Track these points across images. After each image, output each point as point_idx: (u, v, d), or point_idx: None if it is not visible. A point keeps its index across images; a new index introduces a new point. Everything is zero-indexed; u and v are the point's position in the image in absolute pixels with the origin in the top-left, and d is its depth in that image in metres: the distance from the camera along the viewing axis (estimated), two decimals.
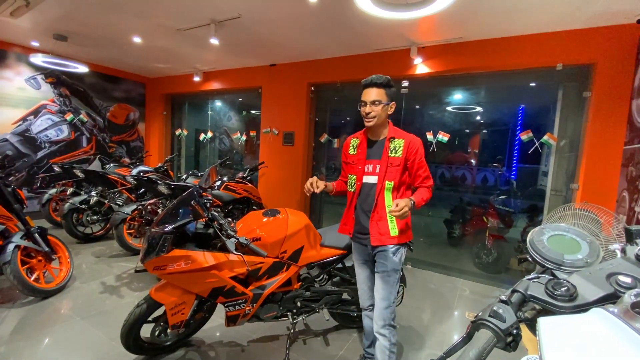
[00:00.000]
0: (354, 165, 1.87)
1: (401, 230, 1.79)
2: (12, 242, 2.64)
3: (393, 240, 1.77)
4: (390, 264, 1.79)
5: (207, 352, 2.24)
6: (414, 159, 1.75)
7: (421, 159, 1.77)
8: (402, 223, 1.78)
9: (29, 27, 4.18)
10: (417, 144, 1.76)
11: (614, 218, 2.12)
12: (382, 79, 1.72)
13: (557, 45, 3.23)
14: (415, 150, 1.75)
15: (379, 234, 1.77)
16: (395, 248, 1.79)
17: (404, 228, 1.80)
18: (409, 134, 1.80)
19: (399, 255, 1.81)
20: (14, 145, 5.14)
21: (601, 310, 0.57)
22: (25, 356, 2.08)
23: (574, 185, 3.30)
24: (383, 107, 1.73)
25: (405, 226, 1.82)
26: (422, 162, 1.78)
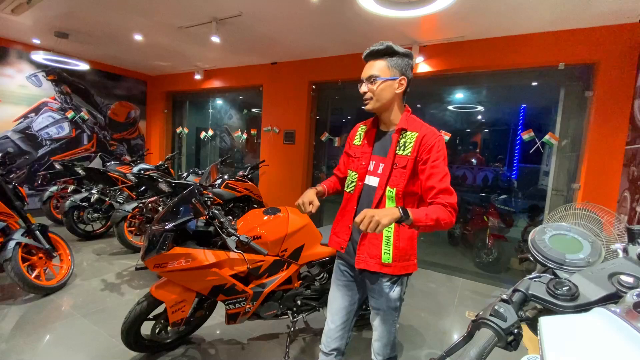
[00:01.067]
0: (357, 160, 1.42)
1: (398, 257, 1.32)
2: (13, 239, 2.65)
3: (385, 269, 1.33)
4: (384, 300, 1.38)
5: (208, 350, 2.25)
6: (426, 159, 1.26)
7: (436, 161, 1.25)
8: (401, 248, 1.33)
9: (30, 25, 4.18)
10: (433, 140, 1.27)
11: (615, 218, 2.11)
12: (382, 46, 1.29)
13: (559, 44, 3.22)
14: (430, 148, 1.26)
15: (367, 256, 1.35)
16: (391, 281, 1.37)
17: (403, 255, 1.33)
18: (426, 126, 1.32)
19: (396, 289, 1.38)
20: (15, 143, 5.15)
21: (603, 310, 0.57)
22: (26, 353, 2.09)
23: (575, 185, 3.30)
24: (382, 85, 1.29)
25: (405, 253, 1.34)
26: (436, 166, 1.25)
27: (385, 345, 1.44)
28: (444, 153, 1.27)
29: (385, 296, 1.38)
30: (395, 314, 1.43)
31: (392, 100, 1.33)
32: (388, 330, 1.43)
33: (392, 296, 1.38)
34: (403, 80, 1.31)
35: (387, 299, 1.38)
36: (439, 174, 1.24)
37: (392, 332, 1.44)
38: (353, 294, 1.49)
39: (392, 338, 1.45)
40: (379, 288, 1.39)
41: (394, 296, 1.38)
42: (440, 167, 1.25)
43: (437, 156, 1.26)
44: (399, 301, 1.42)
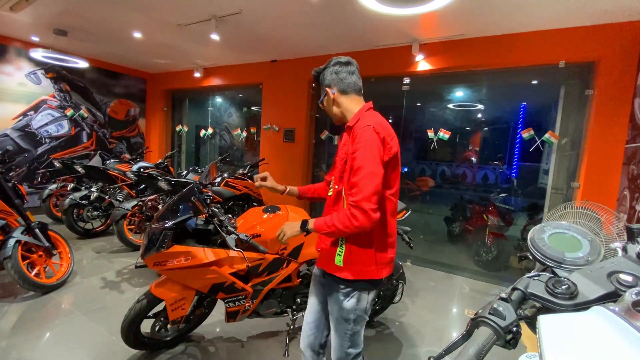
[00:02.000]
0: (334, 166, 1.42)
1: (350, 261, 1.24)
2: (12, 237, 2.65)
3: (340, 273, 1.26)
4: (337, 308, 1.30)
5: (207, 348, 2.25)
6: (349, 151, 1.21)
7: (355, 152, 1.17)
8: (352, 254, 1.24)
9: (29, 22, 4.16)
10: (357, 132, 1.20)
11: (615, 216, 2.11)
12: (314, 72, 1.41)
13: (560, 42, 3.21)
14: (356, 137, 1.20)
15: (323, 256, 1.35)
16: (346, 289, 1.27)
17: (355, 258, 1.24)
18: (366, 119, 1.23)
19: (352, 299, 1.27)
20: (14, 141, 5.14)
21: (602, 308, 0.57)
22: (27, 351, 2.09)
23: (575, 183, 3.30)
24: (324, 102, 1.40)
25: (358, 259, 1.24)
26: (354, 158, 1.16)
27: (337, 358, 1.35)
28: (365, 144, 1.15)
29: (339, 302, 1.29)
30: (348, 326, 1.29)
31: (338, 109, 1.37)
32: (340, 342, 1.32)
33: (346, 305, 1.27)
34: (328, 90, 1.36)
35: (341, 307, 1.29)
36: (354, 167, 1.16)
37: (344, 346, 1.32)
38: (319, 290, 1.45)
39: (342, 354, 1.33)
40: (335, 293, 1.31)
41: (348, 306, 1.27)
42: (358, 159, 1.15)
43: (356, 147, 1.17)
44: (354, 313, 1.28)
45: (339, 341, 1.33)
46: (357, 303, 1.28)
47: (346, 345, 1.32)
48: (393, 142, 1.22)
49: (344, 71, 1.34)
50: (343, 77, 1.34)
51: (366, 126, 1.18)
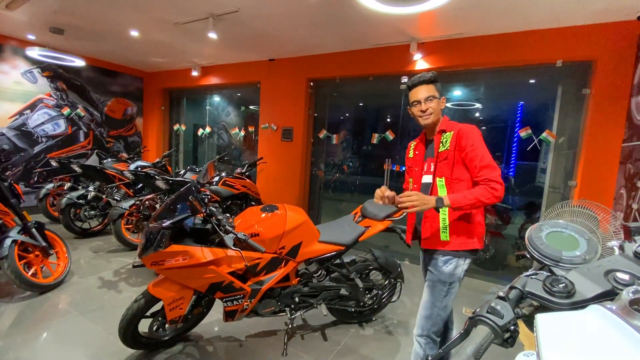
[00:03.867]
0: (411, 168, 1.76)
1: (455, 235, 1.55)
2: (9, 236, 2.63)
3: (444, 246, 1.56)
4: (437, 273, 1.59)
5: (205, 347, 2.25)
6: (464, 146, 1.51)
7: (473, 145, 1.50)
8: (457, 227, 1.55)
9: (25, 20, 4.13)
10: (466, 131, 1.53)
11: (612, 215, 2.12)
12: (430, 75, 1.64)
13: (557, 41, 3.22)
14: (465, 137, 1.52)
15: (429, 237, 1.61)
16: (446, 257, 1.57)
17: (459, 234, 1.55)
18: (460, 124, 1.59)
19: (450, 266, 1.56)
20: (10, 140, 5.11)
21: (599, 307, 0.57)
22: (24, 351, 2.08)
23: (572, 182, 3.31)
24: (437, 102, 1.63)
25: (464, 231, 1.56)
26: (474, 149, 1.49)
27: (426, 318, 1.60)
28: (477, 138, 1.51)
29: (439, 269, 1.58)
30: (444, 288, 1.57)
31: (440, 113, 1.67)
32: (432, 301, 1.60)
33: (445, 270, 1.57)
34: (444, 99, 1.69)
35: (441, 272, 1.58)
36: (477, 156, 1.49)
37: (437, 305, 1.59)
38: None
39: (436, 311, 1.59)
40: (435, 262, 1.60)
41: (447, 270, 1.57)
42: (476, 150, 1.49)
43: (472, 142, 1.50)
44: (453, 278, 1.57)
45: (430, 299, 1.61)
46: (456, 269, 1.57)
47: (438, 304, 1.59)
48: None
49: None
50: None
51: (472, 126, 1.55)
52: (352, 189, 5.52)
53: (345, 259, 2.37)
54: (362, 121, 5.97)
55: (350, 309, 2.47)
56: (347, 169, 5.64)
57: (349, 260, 2.40)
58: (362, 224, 2.39)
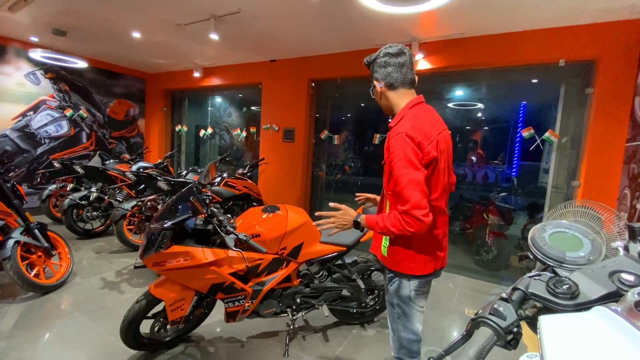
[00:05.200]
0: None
1: (391, 254, 1.33)
2: (11, 237, 2.64)
3: (383, 260, 1.38)
4: (386, 291, 1.43)
5: (207, 348, 2.25)
6: (390, 157, 1.21)
7: (392, 162, 1.18)
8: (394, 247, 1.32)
9: (28, 22, 4.15)
10: (390, 138, 1.24)
11: (616, 215, 2.11)
12: (365, 61, 1.39)
13: (560, 41, 3.20)
14: (389, 147, 1.23)
15: (374, 242, 1.49)
16: (390, 275, 1.37)
17: (395, 254, 1.32)
18: (401, 124, 1.24)
19: (394, 285, 1.35)
20: (13, 141, 5.13)
21: (603, 308, 0.56)
22: (26, 351, 2.09)
23: (575, 182, 3.29)
24: (374, 92, 1.39)
25: (400, 253, 1.30)
26: (394, 167, 1.18)
27: (392, 340, 1.44)
28: (400, 152, 1.15)
29: (386, 287, 1.42)
30: (392, 310, 1.39)
31: (387, 103, 1.36)
32: (390, 319, 1.43)
33: (389, 289, 1.39)
34: (376, 83, 1.35)
35: (386, 290, 1.42)
36: (394, 176, 1.18)
37: (393, 328, 1.42)
38: None
39: (395, 336, 1.41)
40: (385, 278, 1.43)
41: (391, 289, 1.38)
42: (396, 169, 1.17)
43: (393, 157, 1.19)
44: (396, 298, 1.36)
45: (389, 322, 1.44)
46: (398, 289, 1.35)
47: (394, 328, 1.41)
48: (431, 146, 1.19)
49: (393, 63, 1.29)
50: (390, 71, 1.29)
51: (399, 133, 1.18)
52: (354, 189, 5.51)
53: (347, 259, 2.36)
54: (364, 121, 5.97)
55: (352, 310, 2.46)
56: (348, 170, 5.63)
57: (350, 261, 2.39)
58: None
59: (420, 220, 1.12)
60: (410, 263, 1.30)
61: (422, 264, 1.30)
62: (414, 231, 1.14)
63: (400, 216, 1.15)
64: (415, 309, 1.36)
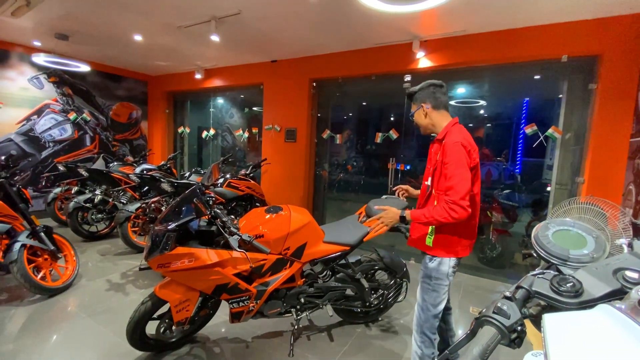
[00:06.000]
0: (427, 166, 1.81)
1: (438, 242, 1.64)
2: (18, 241, 2.67)
3: (427, 250, 1.68)
4: (424, 269, 1.72)
5: (212, 349, 2.26)
6: (440, 161, 1.57)
7: (447, 163, 1.52)
8: (440, 239, 1.63)
9: (31, 27, 4.19)
10: (448, 146, 1.54)
11: (620, 212, 2.09)
12: (407, 92, 1.78)
13: (562, 36, 3.18)
14: (444, 151, 1.55)
15: (415, 237, 1.78)
16: (431, 257, 1.68)
17: (442, 241, 1.63)
18: (454, 134, 1.57)
19: (435, 262, 1.66)
20: (18, 145, 5.18)
21: (607, 306, 0.56)
22: (33, 353, 2.11)
23: (580, 178, 3.27)
24: (415, 115, 1.76)
25: (446, 240, 1.63)
26: (445, 168, 1.53)
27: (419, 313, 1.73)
28: (455, 157, 1.50)
29: (426, 265, 1.70)
30: (431, 283, 1.67)
31: (430, 122, 1.71)
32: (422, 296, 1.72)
33: (431, 266, 1.68)
34: (423, 105, 1.70)
35: (427, 268, 1.70)
36: (445, 175, 1.52)
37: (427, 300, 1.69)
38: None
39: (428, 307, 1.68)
40: (424, 259, 1.73)
41: (432, 266, 1.67)
42: (448, 168, 1.51)
43: (449, 159, 1.52)
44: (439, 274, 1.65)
45: (421, 294, 1.73)
46: (441, 266, 1.65)
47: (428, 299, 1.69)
48: (475, 153, 1.57)
49: (437, 91, 1.69)
50: (437, 96, 1.69)
51: (455, 142, 1.52)
52: (357, 188, 5.51)
53: (351, 259, 2.37)
54: (366, 121, 5.96)
55: (356, 309, 2.47)
56: (351, 169, 5.63)
57: (354, 261, 2.39)
58: (367, 224, 2.38)
59: (464, 208, 1.44)
60: (456, 247, 1.63)
61: (463, 247, 1.64)
62: (457, 217, 1.45)
63: (447, 205, 1.46)
64: (444, 287, 1.67)
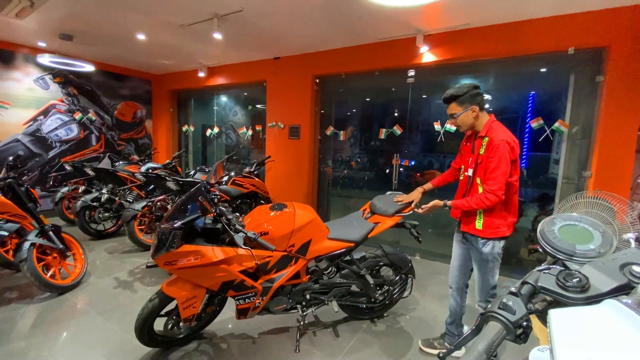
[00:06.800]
0: (463, 157, 2.09)
1: (487, 225, 1.89)
2: (27, 240, 2.71)
3: (478, 233, 1.91)
4: (478, 254, 1.95)
5: (219, 344, 2.29)
6: (488, 156, 1.83)
7: (491, 158, 1.79)
8: (487, 222, 1.88)
9: (35, 28, 4.22)
10: (494, 143, 1.80)
11: (628, 206, 2.07)
12: (447, 95, 1.92)
13: (569, 28, 3.13)
14: (490, 148, 1.82)
15: (466, 223, 1.99)
16: (483, 241, 1.91)
17: (490, 224, 1.89)
18: (498, 132, 1.83)
19: (488, 247, 1.91)
20: (25, 146, 5.24)
21: (614, 301, 0.56)
22: (45, 350, 2.15)
23: (587, 172, 3.23)
24: (463, 116, 1.92)
25: (491, 225, 1.88)
26: (490, 162, 1.79)
27: (482, 289, 1.99)
28: (500, 153, 1.76)
29: (479, 250, 1.93)
30: (488, 265, 1.92)
31: (474, 120, 1.92)
32: (483, 277, 1.97)
33: (485, 250, 1.91)
34: (473, 108, 1.89)
35: (481, 253, 1.93)
36: (490, 167, 1.80)
37: (487, 280, 1.95)
38: (460, 245, 2.14)
39: (490, 284, 1.96)
40: (476, 244, 1.95)
41: (486, 251, 1.91)
42: (493, 163, 1.78)
43: (493, 154, 1.79)
44: (491, 256, 1.91)
45: (481, 276, 1.97)
46: (493, 249, 1.90)
47: (488, 278, 1.95)
48: (517, 147, 1.82)
49: (480, 94, 1.90)
50: (480, 99, 1.90)
51: (502, 140, 1.78)
52: (361, 185, 5.50)
53: (355, 255, 2.37)
54: (369, 116, 5.93)
55: (361, 305, 2.47)
56: (355, 165, 5.62)
57: (359, 257, 2.39)
58: (372, 220, 2.38)
59: (498, 197, 1.77)
60: (503, 227, 1.88)
61: (508, 227, 1.90)
62: (490, 205, 1.78)
63: (484, 194, 1.79)
64: (498, 263, 1.94)
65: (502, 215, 1.89)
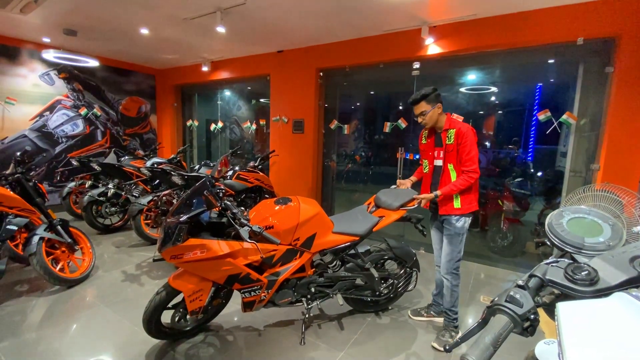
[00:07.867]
0: (426, 152, 2.38)
1: (464, 202, 2.20)
2: (36, 234, 2.75)
3: (456, 212, 2.20)
4: (452, 229, 2.22)
5: (226, 337, 2.31)
6: (460, 142, 2.13)
7: (463, 144, 2.12)
8: (464, 199, 2.19)
9: (39, 23, 4.23)
10: (463, 131, 2.12)
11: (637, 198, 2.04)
12: (418, 96, 2.19)
13: (577, 18, 3.06)
14: (461, 135, 2.13)
15: (444, 205, 2.23)
16: (457, 217, 2.21)
17: (464, 203, 2.20)
18: (460, 123, 2.18)
19: (461, 222, 2.21)
20: (32, 141, 5.30)
21: (624, 294, 0.55)
22: (55, 342, 2.19)
23: (595, 165, 3.19)
24: (430, 113, 2.19)
25: (467, 201, 2.21)
26: (464, 146, 2.11)
27: (448, 261, 2.27)
28: (469, 138, 2.13)
29: (453, 225, 2.22)
30: (458, 238, 2.22)
31: (438, 117, 2.23)
32: (451, 248, 2.25)
33: (458, 225, 2.22)
34: (439, 105, 2.21)
35: (455, 228, 2.22)
36: (464, 151, 2.13)
37: (454, 250, 2.24)
38: (439, 230, 2.40)
39: (454, 255, 2.25)
40: (449, 221, 2.24)
41: (459, 225, 2.22)
42: (467, 147, 2.13)
43: (465, 141, 2.13)
44: (463, 230, 2.22)
45: (450, 247, 2.26)
46: (464, 224, 2.23)
47: (455, 250, 2.25)
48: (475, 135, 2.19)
49: (440, 96, 2.22)
50: (441, 99, 2.23)
51: (468, 128, 2.15)
52: (365, 179, 5.49)
53: (360, 249, 2.38)
54: (374, 110, 5.89)
55: (366, 299, 2.49)
56: (359, 159, 5.60)
57: (363, 251, 2.40)
58: (376, 214, 2.37)
59: (478, 173, 2.14)
60: (473, 202, 2.22)
61: (475, 202, 2.24)
62: (473, 181, 2.13)
63: (466, 175, 2.13)
64: (464, 237, 2.26)
65: (473, 191, 2.23)
